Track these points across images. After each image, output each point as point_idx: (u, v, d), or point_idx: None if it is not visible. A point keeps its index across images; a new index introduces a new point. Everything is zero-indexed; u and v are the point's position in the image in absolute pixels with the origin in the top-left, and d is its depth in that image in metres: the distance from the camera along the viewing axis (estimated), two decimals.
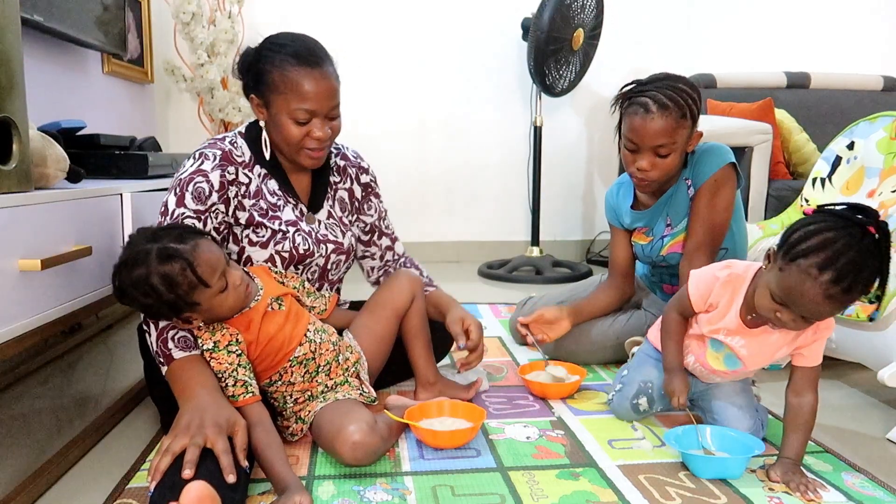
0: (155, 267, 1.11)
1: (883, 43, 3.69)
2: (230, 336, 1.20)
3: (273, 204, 1.38)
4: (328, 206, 1.49)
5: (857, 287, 1.05)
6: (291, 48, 1.31)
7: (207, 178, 1.29)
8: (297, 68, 1.29)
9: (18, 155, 1.09)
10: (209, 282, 1.13)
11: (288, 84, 1.29)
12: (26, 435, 1.35)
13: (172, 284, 1.11)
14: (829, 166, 1.98)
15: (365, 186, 1.56)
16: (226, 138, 1.38)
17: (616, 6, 3.42)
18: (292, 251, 1.38)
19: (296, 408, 1.29)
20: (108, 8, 2.30)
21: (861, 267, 1.03)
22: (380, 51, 3.40)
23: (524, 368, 1.67)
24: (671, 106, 1.46)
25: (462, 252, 3.59)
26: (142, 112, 2.93)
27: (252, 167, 1.37)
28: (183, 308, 1.14)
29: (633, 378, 1.43)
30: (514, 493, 1.13)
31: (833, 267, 1.03)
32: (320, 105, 1.31)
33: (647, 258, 1.73)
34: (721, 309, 1.24)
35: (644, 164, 1.52)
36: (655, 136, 1.48)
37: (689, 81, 1.54)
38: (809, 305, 1.07)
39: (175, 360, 1.15)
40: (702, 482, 1.18)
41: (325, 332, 1.33)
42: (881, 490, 1.17)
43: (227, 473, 0.99)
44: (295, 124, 1.31)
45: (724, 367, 1.30)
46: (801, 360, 1.22)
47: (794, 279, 1.06)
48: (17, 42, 1.11)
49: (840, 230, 1.05)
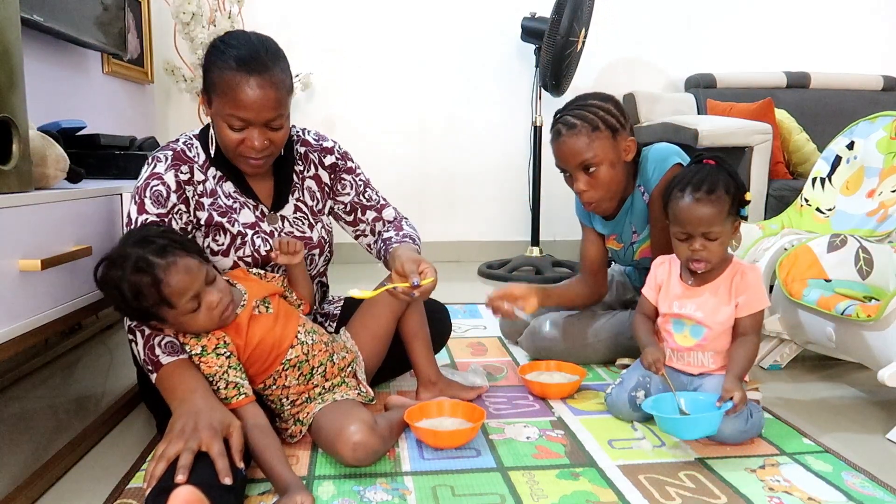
0: (128, 274, 1.10)
1: (883, 43, 3.69)
2: (217, 339, 1.18)
3: (229, 206, 1.34)
4: (294, 199, 1.44)
5: (718, 187, 1.32)
6: (235, 52, 1.22)
7: (162, 179, 1.27)
8: (236, 73, 1.21)
9: (18, 155, 1.09)
10: (174, 303, 1.12)
11: (224, 88, 1.22)
12: (26, 435, 1.35)
13: (139, 296, 1.11)
14: (829, 166, 1.98)
15: (332, 168, 1.48)
16: (179, 139, 1.35)
17: (616, 6, 3.42)
18: (254, 254, 1.35)
19: (293, 410, 1.28)
20: (108, 8, 2.30)
21: (710, 176, 1.34)
22: (380, 51, 3.39)
23: (524, 368, 1.67)
24: (578, 123, 1.52)
25: (462, 252, 3.59)
26: (142, 112, 2.93)
27: (206, 168, 1.34)
28: (150, 318, 1.14)
29: (633, 373, 1.45)
30: (514, 493, 1.13)
31: (689, 183, 1.34)
32: (256, 115, 1.23)
33: (623, 262, 1.76)
34: (666, 282, 1.46)
35: (580, 185, 1.57)
36: (573, 156, 1.53)
37: (602, 95, 1.59)
38: (693, 217, 1.33)
39: (164, 366, 1.14)
40: (702, 482, 1.18)
41: (315, 332, 1.32)
42: (881, 490, 1.17)
43: (223, 476, 0.99)
44: (230, 129, 1.25)
45: (695, 340, 1.40)
46: (741, 310, 1.37)
47: (673, 208, 1.36)
48: (18, 42, 1.11)
49: (684, 169, 1.41)
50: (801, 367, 1.84)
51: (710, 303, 1.38)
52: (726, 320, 1.37)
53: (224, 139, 1.27)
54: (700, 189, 1.33)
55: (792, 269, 1.66)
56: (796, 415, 1.51)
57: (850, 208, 1.88)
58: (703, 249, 1.35)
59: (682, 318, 1.41)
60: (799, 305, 1.63)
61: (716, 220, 1.33)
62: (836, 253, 1.64)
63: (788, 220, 2.01)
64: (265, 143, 1.27)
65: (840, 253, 1.64)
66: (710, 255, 1.36)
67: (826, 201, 1.95)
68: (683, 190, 1.35)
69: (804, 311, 1.63)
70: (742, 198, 1.36)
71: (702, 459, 1.27)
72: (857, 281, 1.61)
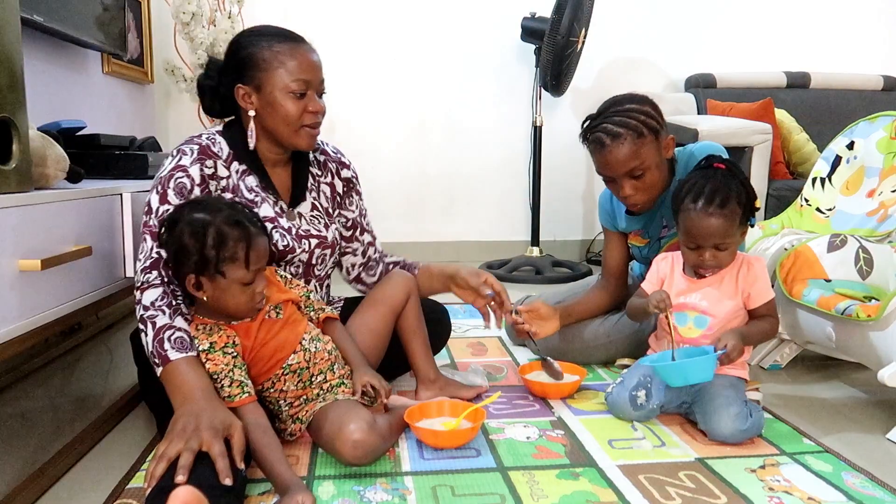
0: (219, 222, 1.15)
1: (883, 43, 3.69)
2: (227, 338, 1.19)
3: (250, 200, 1.37)
4: (311, 197, 1.48)
5: (730, 201, 1.31)
6: (272, 30, 1.36)
7: (187, 172, 1.29)
8: (287, 44, 1.33)
9: (18, 155, 1.09)
10: (249, 264, 1.15)
11: (281, 59, 1.31)
12: (26, 435, 1.35)
13: (221, 244, 1.14)
14: (829, 166, 1.98)
15: (346, 182, 1.54)
16: (203, 134, 1.37)
17: (616, 6, 3.42)
18: (271, 249, 1.36)
19: (291, 411, 1.28)
20: (108, 8, 2.30)
21: (722, 186, 1.32)
22: (380, 50, 3.39)
23: (524, 368, 1.67)
24: (623, 132, 1.49)
25: (462, 252, 3.59)
26: (142, 112, 2.93)
27: (230, 163, 1.37)
28: (208, 270, 1.15)
29: (634, 373, 1.45)
30: (514, 493, 1.13)
31: (701, 194, 1.32)
32: (315, 75, 1.34)
33: (644, 259, 1.74)
34: (668, 277, 1.45)
35: (627, 191, 1.55)
36: (621, 165, 1.51)
37: (637, 97, 1.56)
38: (706, 231, 1.32)
39: (171, 362, 1.14)
40: (702, 482, 1.18)
41: (320, 340, 1.31)
42: (881, 490, 1.17)
43: (224, 477, 0.99)
44: (292, 99, 1.32)
45: (699, 331, 1.40)
46: (754, 300, 1.39)
47: (685, 220, 1.35)
48: (17, 42, 1.11)
49: (695, 174, 1.38)
50: (801, 367, 1.84)
51: (715, 293, 1.38)
52: (731, 311, 1.38)
53: (286, 113, 1.33)
54: (713, 202, 1.31)
55: (792, 269, 1.67)
56: (796, 415, 1.51)
57: (850, 208, 1.88)
58: (712, 259, 1.35)
59: (686, 310, 1.41)
60: (799, 305, 1.63)
61: (727, 232, 1.33)
62: (836, 253, 1.64)
63: (788, 220, 2.01)
64: (322, 106, 1.36)
65: (840, 253, 1.64)
66: (720, 263, 1.36)
67: (826, 201, 1.95)
68: (696, 201, 1.33)
69: (804, 311, 1.63)
70: (753, 206, 1.35)
71: (702, 459, 1.27)
72: (857, 281, 1.61)
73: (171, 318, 1.18)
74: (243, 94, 1.35)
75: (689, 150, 1.62)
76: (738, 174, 1.37)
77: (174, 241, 1.16)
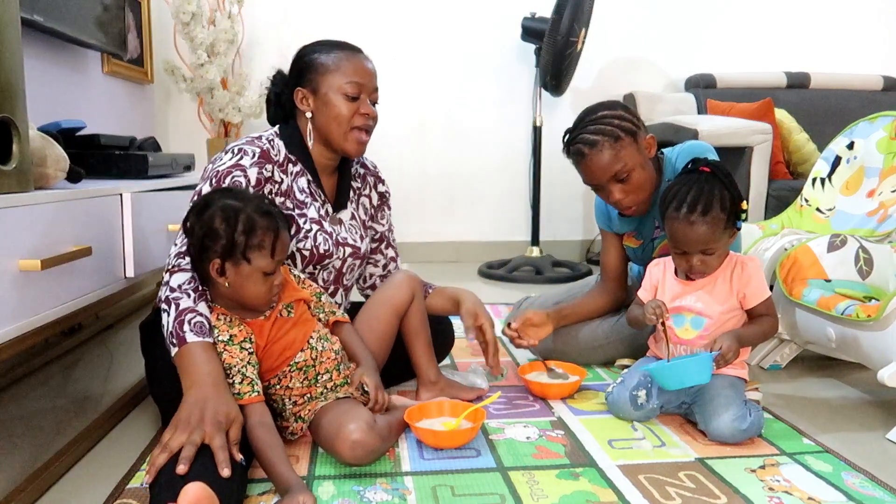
0: (250, 210, 1.16)
1: (883, 43, 3.69)
2: (246, 333, 1.20)
3: (301, 201, 1.42)
4: (352, 207, 1.53)
5: (713, 207, 1.31)
6: (333, 41, 1.44)
7: (245, 173, 1.32)
8: (344, 51, 1.42)
9: (18, 155, 1.09)
10: (274, 254, 1.17)
11: (338, 62, 1.39)
12: (26, 435, 1.35)
13: (251, 231, 1.15)
14: (829, 166, 1.98)
15: (381, 196, 1.62)
16: (262, 137, 1.41)
17: (616, 6, 3.43)
18: (313, 250, 1.40)
19: (294, 409, 1.28)
20: (108, 8, 2.30)
21: (705, 192, 1.32)
22: (380, 51, 3.36)
23: (524, 368, 1.67)
24: (599, 139, 1.51)
25: (462, 252, 3.59)
26: (142, 112, 2.93)
27: (286, 166, 1.41)
28: (234, 255, 1.15)
29: (635, 373, 1.45)
30: (514, 493, 1.13)
31: (684, 202, 1.32)
32: (369, 80, 1.42)
33: (639, 260, 1.74)
34: (661, 281, 1.46)
35: (616, 196, 1.56)
36: (603, 171, 1.53)
37: (608, 103, 1.59)
38: (690, 238, 1.32)
39: (187, 344, 1.14)
40: (702, 482, 1.18)
41: (328, 340, 1.32)
42: (881, 490, 1.17)
43: (223, 468, 1.00)
44: (346, 100, 1.38)
45: (696, 332, 1.40)
46: (749, 300, 1.39)
47: (670, 227, 1.36)
48: (17, 42, 1.11)
49: (680, 179, 1.38)
50: (801, 367, 1.84)
51: (709, 295, 1.39)
52: (727, 311, 1.38)
53: (339, 114, 1.39)
54: (695, 210, 1.31)
55: (792, 269, 1.67)
56: (796, 415, 1.51)
57: (850, 208, 1.88)
58: (701, 264, 1.36)
59: (682, 312, 1.41)
60: (799, 305, 1.63)
61: (712, 238, 1.33)
62: (836, 253, 1.64)
63: (788, 220, 2.01)
64: (374, 111, 1.43)
65: (840, 253, 1.64)
66: (709, 267, 1.37)
67: (826, 201, 1.95)
68: (679, 209, 1.33)
69: (804, 312, 1.63)
70: (738, 209, 1.35)
71: (702, 459, 1.27)
72: (857, 281, 1.61)
73: (195, 302, 1.18)
74: (301, 97, 1.41)
75: (676, 150, 1.63)
76: (722, 178, 1.35)
77: (203, 224, 1.16)
